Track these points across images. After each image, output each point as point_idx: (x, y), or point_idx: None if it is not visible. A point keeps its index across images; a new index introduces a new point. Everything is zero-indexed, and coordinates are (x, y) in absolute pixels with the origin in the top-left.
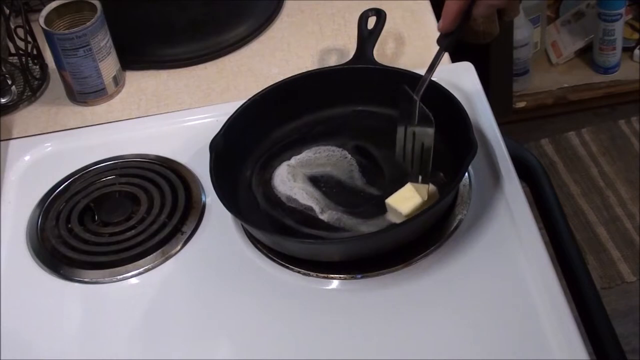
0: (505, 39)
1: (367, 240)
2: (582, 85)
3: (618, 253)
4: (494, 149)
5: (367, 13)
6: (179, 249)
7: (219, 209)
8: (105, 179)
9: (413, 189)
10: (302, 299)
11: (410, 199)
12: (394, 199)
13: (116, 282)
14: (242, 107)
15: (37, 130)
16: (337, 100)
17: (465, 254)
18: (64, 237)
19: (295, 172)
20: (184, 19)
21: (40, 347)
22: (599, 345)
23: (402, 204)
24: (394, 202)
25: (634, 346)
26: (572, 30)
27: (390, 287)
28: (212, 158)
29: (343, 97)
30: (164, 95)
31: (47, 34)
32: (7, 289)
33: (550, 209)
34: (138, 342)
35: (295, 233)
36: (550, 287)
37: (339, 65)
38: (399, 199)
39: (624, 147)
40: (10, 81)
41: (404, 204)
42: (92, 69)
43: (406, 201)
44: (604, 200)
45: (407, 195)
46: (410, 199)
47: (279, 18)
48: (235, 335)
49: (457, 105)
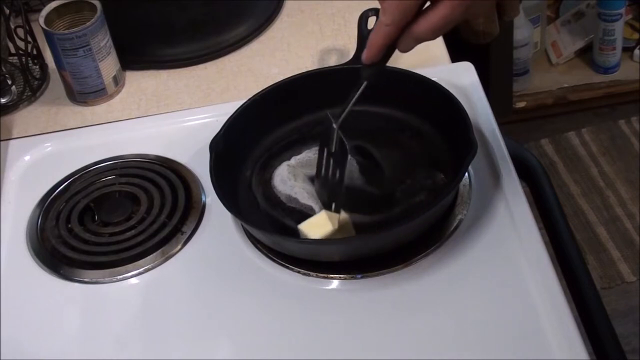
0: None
1: (367, 240)
2: (582, 85)
3: (618, 253)
4: (494, 149)
5: (367, 13)
6: (179, 249)
7: (219, 209)
8: (105, 179)
9: (326, 216)
10: (302, 299)
11: (322, 226)
12: (305, 225)
13: (116, 282)
14: (242, 107)
15: (37, 130)
16: (337, 100)
17: (465, 254)
18: (64, 237)
19: (296, 172)
20: (184, 19)
21: (40, 347)
22: (599, 345)
23: (313, 230)
24: (305, 228)
25: (634, 346)
26: (572, 30)
27: (390, 287)
28: (212, 158)
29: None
30: (164, 95)
31: (47, 34)
32: (7, 289)
33: (550, 209)
34: (138, 342)
35: (295, 233)
36: (550, 287)
37: (339, 65)
38: (311, 226)
39: (624, 147)
40: (10, 81)
41: (314, 231)
42: (92, 69)
43: (317, 228)
44: (604, 200)
45: (320, 223)
46: (322, 227)
47: (279, 18)
48: (235, 335)
49: (457, 105)
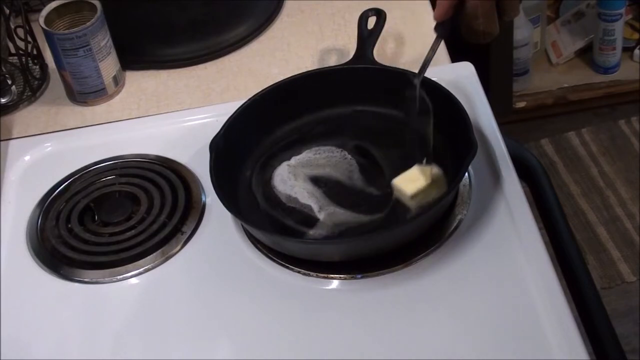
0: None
1: (367, 240)
2: (582, 85)
3: (618, 253)
4: (494, 149)
5: (367, 13)
6: (179, 249)
7: (219, 209)
8: (105, 179)
9: (419, 171)
10: (302, 299)
11: (416, 180)
12: (399, 180)
13: (116, 282)
14: (242, 107)
15: (37, 130)
16: (337, 100)
17: (465, 254)
18: (64, 237)
19: (296, 171)
20: (184, 19)
21: (40, 347)
22: (599, 345)
23: (407, 185)
24: (399, 182)
25: (634, 346)
26: (572, 30)
27: (390, 287)
28: (212, 158)
29: (343, 97)
30: (164, 95)
31: (47, 34)
32: (7, 289)
33: (550, 209)
34: (138, 342)
35: (295, 233)
36: (550, 287)
37: (339, 65)
38: (405, 180)
39: (624, 147)
40: (10, 81)
41: (409, 185)
42: (92, 69)
43: (411, 182)
44: (604, 200)
45: (413, 177)
46: (416, 181)
47: (279, 18)
48: (235, 335)
49: (457, 105)
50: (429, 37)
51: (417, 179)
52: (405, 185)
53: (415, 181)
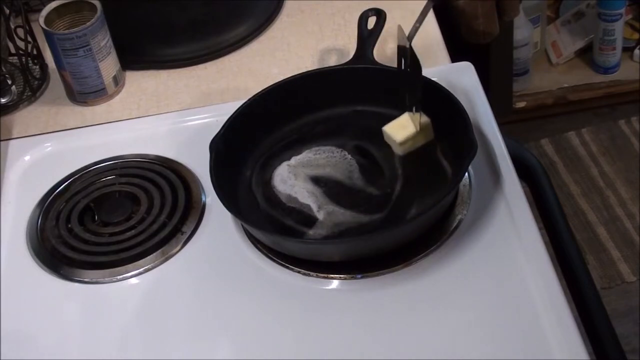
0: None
1: (367, 240)
2: (582, 85)
3: (618, 253)
4: (494, 149)
5: (367, 13)
6: (179, 249)
7: (219, 209)
8: (105, 179)
9: (409, 118)
10: (302, 299)
11: (405, 127)
12: (390, 126)
13: (116, 282)
14: (242, 107)
15: (37, 130)
16: (337, 100)
17: (465, 254)
18: (64, 237)
19: (297, 171)
20: (184, 19)
21: (40, 347)
22: (599, 345)
23: (397, 131)
24: (389, 129)
25: (634, 346)
26: (572, 30)
27: (390, 287)
28: (212, 158)
29: (343, 97)
30: (164, 95)
31: (47, 34)
32: (7, 289)
33: (550, 209)
34: (138, 342)
35: (295, 233)
36: (550, 287)
37: (339, 65)
38: (395, 127)
39: (624, 147)
40: (10, 81)
41: (399, 132)
42: (92, 69)
43: (401, 129)
44: (604, 200)
45: (403, 124)
46: (405, 128)
47: (279, 18)
48: (235, 335)
49: (457, 105)
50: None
51: (406, 126)
52: (395, 132)
53: (404, 128)
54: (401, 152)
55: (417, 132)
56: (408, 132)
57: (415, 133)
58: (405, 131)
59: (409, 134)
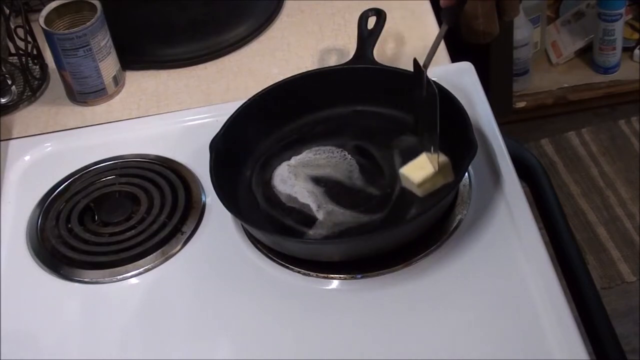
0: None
1: (367, 240)
2: (582, 85)
3: (618, 253)
4: (494, 149)
5: (367, 13)
6: (179, 249)
7: (219, 209)
8: (105, 179)
9: (427, 159)
10: (302, 299)
11: (423, 168)
12: (407, 168)
13: (116, 282)
14: (242, 107)
15: (37, 130)
16: (337, 100)
17: (465, 254)
18: (64, 237)
19: (297, 171)
20: (184, 19)
21: (40, 347)
22: (599, 345)
23: (415, 172)
24: (407, 171)
25: (634, 346)
26: (572, 30)
27: (390, 287)
28: (212, 158)
29: (343, 97)
30: (164, 95)
31: (47, 34)
32: (7, 289)
33: (550, 209)
34: (138, 342)
35: (295, 233)
36: (550, 287)
37: (339, 65)
38: (413, 168)
39: (624, 147)
40: (10, 81)
41: (417, 173)
42: (92, 69)
43: (419, 170)
44: (604, 200)
45: (421, 165)
46: (423, 169)
47: (279, 18)
48: (235, 335)
49: (457, 105)
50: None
51: (424, 167)
52: (412, 173)
53: (422, 169)
54: (420, 193)
55: (436, 172)
56: (426, 173)
57: (433, 174)
58: (422, 172)
59: (427, 174)
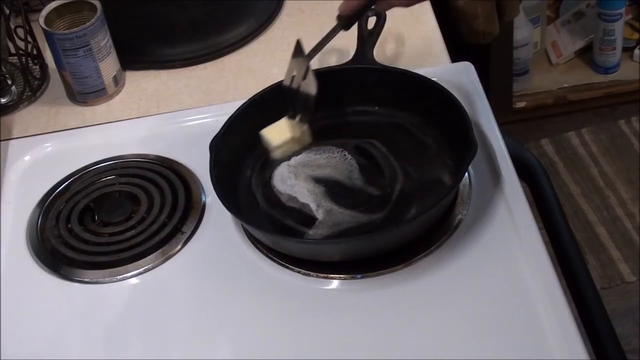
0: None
1: (367, 240)
2: (582, 85)
3: (618, 253)
4: (494, 149)
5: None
6: (179, 249)
7: (219, 209)
8: (105, 179)
9: (288, 124)
10: (302, 299)
11: (283, 133)
12: (268, 130)
13: (116, 282)
14: (242, 107)
15: (37, 130)
16: (337, 100)
17: (465, 254)
18: (64, 237)
19: (297, 171)
20: (184, 19)
21: (40, 347)
22: (599, 345)
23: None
24: (267, 132)
25: (634, 346)
26: (572, 30)
27: (390, 287)
28: (212, 158)
29: (343, 97)
30: (164, 95)
31: (47, 34)
32: (7, 289)
33: (550, 209)
34: (138, 342)
35: (295, 233)
36: (550, 287)
37: (339, 65)
38: (273, 131)
39: (624, 147)
40: (10, 81)
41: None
42: (92, 69)
43: (278, 134)
44: (604, 200)
45: (281, 129)
46: (282, 133)
47: (279, 18)
48: (235, 335)
49: (457, 105)
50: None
51: (284, 132)
52: (272, 136)
53: (281, 133)
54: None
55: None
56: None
57: (291, 139)
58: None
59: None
